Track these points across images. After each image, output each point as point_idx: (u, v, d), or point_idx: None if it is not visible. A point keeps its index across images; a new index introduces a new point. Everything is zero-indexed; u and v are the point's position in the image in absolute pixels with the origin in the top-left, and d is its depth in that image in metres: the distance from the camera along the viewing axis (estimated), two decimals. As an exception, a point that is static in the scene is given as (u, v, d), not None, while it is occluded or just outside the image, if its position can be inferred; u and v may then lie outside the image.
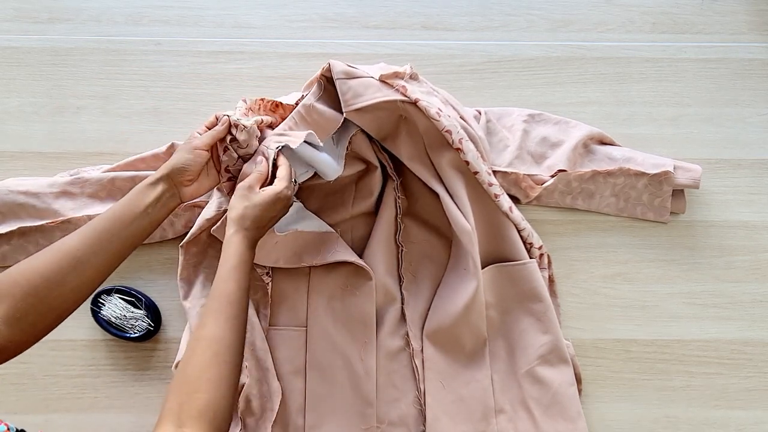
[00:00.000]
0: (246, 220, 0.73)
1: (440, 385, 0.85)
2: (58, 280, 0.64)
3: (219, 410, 0.60)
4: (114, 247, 0.70)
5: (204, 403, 0.59)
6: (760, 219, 0.98)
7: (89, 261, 0.67)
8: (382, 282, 0.88)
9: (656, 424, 0.90)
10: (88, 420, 0.88)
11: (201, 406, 0.58)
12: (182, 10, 1.06)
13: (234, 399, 0.63)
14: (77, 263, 0.66)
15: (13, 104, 1.00)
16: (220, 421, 0.59)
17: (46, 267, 0.64)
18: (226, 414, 0.61)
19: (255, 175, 0.77)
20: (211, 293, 0.68)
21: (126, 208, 0.72)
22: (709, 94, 1.03)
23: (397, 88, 0.85)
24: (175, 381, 0.61)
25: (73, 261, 0.66)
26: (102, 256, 0.69)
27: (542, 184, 0.94)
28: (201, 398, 0.59)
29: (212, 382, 0.61)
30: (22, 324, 0.61)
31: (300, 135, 0.81)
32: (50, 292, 0.64)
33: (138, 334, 0.88)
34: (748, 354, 0.92)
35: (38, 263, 0.64)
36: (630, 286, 0.95)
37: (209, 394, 0.60)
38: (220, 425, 0.59)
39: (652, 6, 1.08)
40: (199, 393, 0.59)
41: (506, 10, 1.07)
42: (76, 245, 0.67)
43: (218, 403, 0.60)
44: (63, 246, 0.67)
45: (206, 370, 0.61)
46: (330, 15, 1.06)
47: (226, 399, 0.61)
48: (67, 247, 0.67)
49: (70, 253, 0.66)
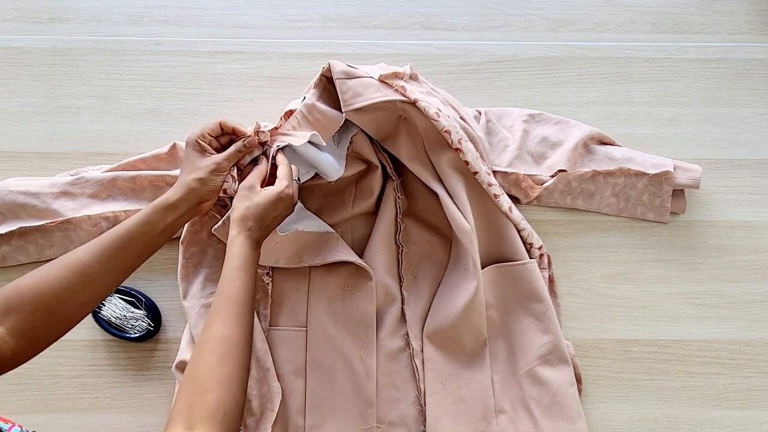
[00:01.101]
0: (248, 221, 0.73)
1: (440, 385, 0.85)
2: (68, 296, 0.64)
3: (229, 410, 0.59)
4: (126, 264, 0.70)
5: (214, 403, 0.59)
6: (760, 219, 0.98)
7: (101, 278, 0.67)
8: (382, 282, 0.88)
9: (656, 424, 0.90)
10: (88, 420, 0.88)
11: (211, 407, 0.58)
12: (182, 10, 1.06)
13: (244, 398, 0.63)
14: (88, 280, 0.66)
15: (13, 104, 1.00)
16: (230, 420, 0.59)
17: (58, 283, 0.64)
18: (237, 413, 0.61)
19: (255, 173, 0.77)
20: (216, 294, 0.68)
21: (143, 227, 0.71)
22: (709, 94, 1.03)
23: (396, 88, 0.85)
24: (184, 382, 0.61)
25: (84, 278, 0.66)
26: (113, 273, 0.69)
27: (542, 184, 0.94)
28: (211, 399, 0.59)
29: (221, 382, 0.60)
30: (30, 337, 0.62)
31: (304, 135, 0.81)
32: (59, 308, 0.64)
33: (138, 334, 0.88)
34: (748, 354, 0.92)
35: (49, 278, 0.64)
36: (630, 286, 0.95)
37: (219, 394, 0.59)
38: (230, 425, 0.59)
39: (652, 6, 1.08)
40: (209, 394, 0.59)
41: (506, 10, 1.07)
42: (87, 261, 0.66)
43: (228, 403, 0.60)
44: (74, 262, 0.66)
45: (215, 370, 0.61)
46: (330, 15, 1.06)
47: (236, 398, 0.61)
48: (79, 263, 0.66)
49: (81, 269, 0.66)
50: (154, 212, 0.72)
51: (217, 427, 0.57)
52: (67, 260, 0.66)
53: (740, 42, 1.06)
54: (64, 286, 0.64)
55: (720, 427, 0.90)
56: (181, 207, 0.74)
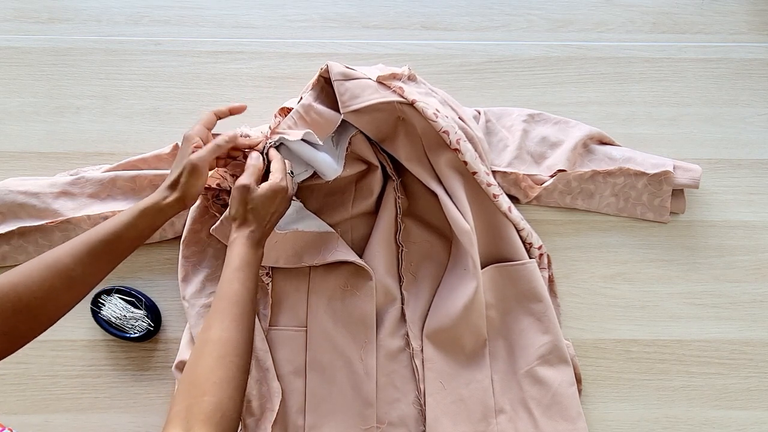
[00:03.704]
0: (247, 220, 0.73)
1: (440, 385, 0.85)
2: (51, 298, 0.63)
3: (227, 412, 0.59)
4: (110, 265, 0.69)
5: (212, 405, 0.58)
6: (760, 219, 0.98)
7: (84, 280, 0.66)
8: (382, 282, 0.88)
9: (656, 424, 0.90)
10: (88, 420, 0.88)
11: (209, 409, 0.58)
12: (182, 10, 1.06)
13: (242, 400, 0.63)
14: (72, 282, 0.65)
15: (13, 104, 1.00)
16: (228, 422, 0.59)
17: (39, 285, 0.62)
18: (235, 415, 0.60)
19: (249, 171, 0.76)
20: (216, 295, 0.68)
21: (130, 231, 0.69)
22: (709, 94, 1.03)
23: (394, 89, 0.85)
24: (182, 384, 0.61)
25: (68, 281, 0.64)
26: (97, 275, 0.68)
27: (542, 184, 0.94)
28: (209, 401, 0.59)
29: (219, 385, 0.60)
30: (11, 336, 0.61)
31: (298, 133, 0.81)
32: (42, 310, 0.63)
33: (138, 334, 0.88)
34: (748, 354, 0.92)
35: (30, 280, 0.62)
36: (630, 286, 0.95)
37: (216, 396, 0.59)
38: (227, 427, 0.59)
39: (652, 6, 1.08)
40: (206, 396, 0.59)
41: (506, 10, 1.07)
42: (70, 264, 0.65)
43: (226, 405, 0.59)
44: (56, 263, 0.64)
45: (213, 372, 0.61)
46: (330, 15, 1.06)
47: (234, 400, 0.61)
48: (61, 264, 0.64)
49: (64, 272, 0.64)
50: (141, 216, 0.70)
51: (214, 430, 0.57)
52: (49, 261, 0.64)
53: (740, 42, 1.06)
54: (46, 289, 0.63)
55: (720, 427, 0.90)
56: (170, 212, 0.73)
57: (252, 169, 0.76)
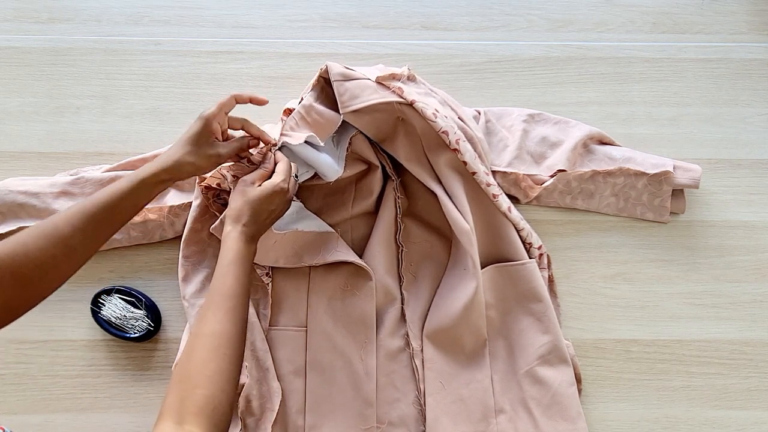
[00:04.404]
0: (243, 216, 0.73)
1: (440, 385, 0.85)
2: (50, 268, 0.63)
3: (219, 405, 0.59)
4: (108, 234, 0.70)
5: (204, 398, 0.59)
6: (760, 219, 0.98)
7: (83, 249, 0.66)
8: (382, 282, 0.88)
9: (656, 424, 0.90)
10: (88, 420, 0.88)
11: (201, 402, 0.58)
12: (182, 10, 1.06)
13: (234, 392, 0.63)
14: (71, 251, 0.65)
15: (13, 104, 1.00)
16: (220, 415, 0.59)
17: (39, 256, 0.62)
18: (227, 408, 0.61)
19: (258, 172, 0.77)
20: (209, 290, 0.68)
21: (127, 201, 0.70)
22: (709, 94, 1.03)
23: (394, 89, 0.85)
24: (175, 377, 0.61)
25: (67, 249, 0.64)
26: (95, 244, 0.68)
27: (542, 184, 0.94)
28: (201, 394, 0.59)
29: (211, 378, 0.60)
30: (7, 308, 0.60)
31: (301, 135, 0.82)
32: (41, 281, 0.63)
33: (138, 334, 0.88)
34: (748, 354, 0.92)
35: (29, 249, 0.61)
36: (630, 286, 0.95)
37: (209, 389, 0.59)
38: (220, 420, 0.59)
39: (652, 6, 1.08)
40: (198, 389, 0.59)
41: (506, 10, 1.07)
42: (69, 232, 0.65)
43: (218, 398, 0.60)
44: (54, 232, 0.64)
45: (206, 365, 0.61)
46: (330, 15, 1.06)
47: (226, 393, 0.61)
48: (60, 233, 0.64)
49: (64, 241, 0.64)
50: (141, 187, 0.71)
51: (206, 422, 0.57)
52: (47, 230, 0.64)
53: (740, 42, 1.06)
54: (46, 260, 0.62)
55: (720, 427, 0.90)
56: (169, 183, 0.74)
57: (262, 171, 0.78)
